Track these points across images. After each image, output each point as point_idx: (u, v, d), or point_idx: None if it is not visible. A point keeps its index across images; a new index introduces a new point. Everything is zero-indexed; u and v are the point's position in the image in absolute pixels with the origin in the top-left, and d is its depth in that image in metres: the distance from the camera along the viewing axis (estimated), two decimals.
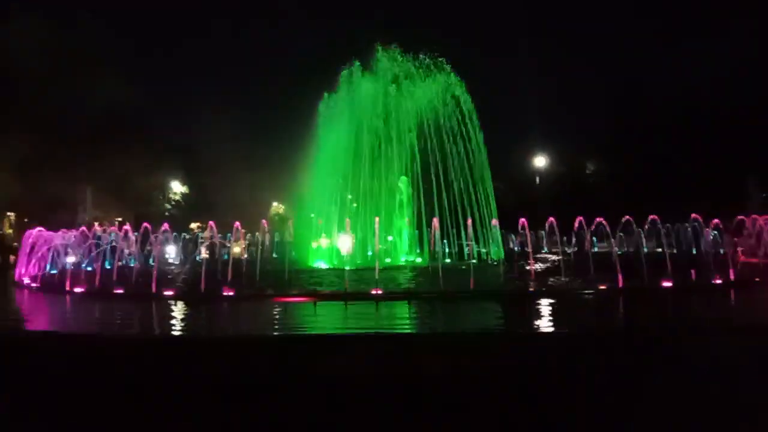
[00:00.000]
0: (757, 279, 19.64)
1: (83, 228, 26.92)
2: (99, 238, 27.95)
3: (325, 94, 32.88)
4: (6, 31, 51.56)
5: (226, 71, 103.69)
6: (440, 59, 32.68)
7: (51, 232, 26.81)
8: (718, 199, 43.83)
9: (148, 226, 26.65)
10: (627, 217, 21.04)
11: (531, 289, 18.45)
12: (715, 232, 24.48)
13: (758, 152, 44.65)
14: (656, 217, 20.92)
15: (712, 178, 46.00)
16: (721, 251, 21.26)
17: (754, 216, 23.11)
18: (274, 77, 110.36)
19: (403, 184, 32.06)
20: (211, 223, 33.94)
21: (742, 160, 45.65)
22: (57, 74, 57.00)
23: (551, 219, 22.86)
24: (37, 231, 26.26)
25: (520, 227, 22.95)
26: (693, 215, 23.87)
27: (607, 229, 21.14)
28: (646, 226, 21.83)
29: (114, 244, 26.68)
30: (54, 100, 55.93)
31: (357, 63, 32.70)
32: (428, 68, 32.45)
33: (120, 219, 64.47)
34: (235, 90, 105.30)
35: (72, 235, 26.40)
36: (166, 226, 25.30)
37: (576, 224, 21.97)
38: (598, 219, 20.86)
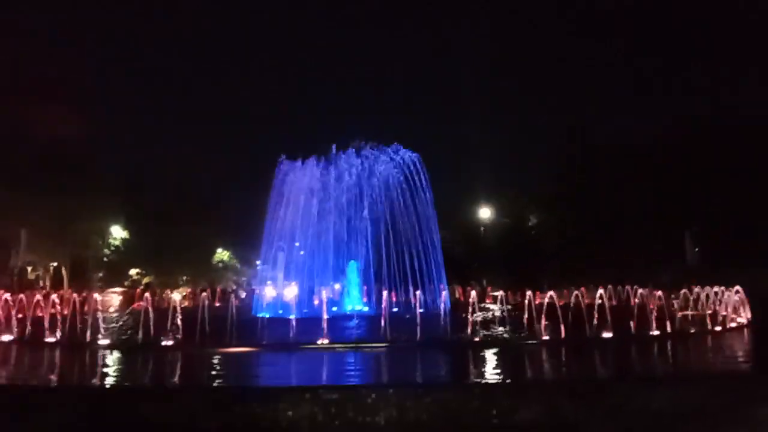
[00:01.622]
0: (692, 330, 20.34)
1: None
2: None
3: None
4: None
5: (174, 111, 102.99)
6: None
7: None
8: (657, 253, 45.63)
9: None
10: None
11: (476, 339, 18.53)
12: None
13: (695, 208, 46.76)
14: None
15: (651, 232, 47.79)
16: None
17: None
18: (227, 121, 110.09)
19: (349, 268, 32.09)
20: None
21: (682, 214, 47.65)
22: None
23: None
24: None
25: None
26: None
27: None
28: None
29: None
30: None
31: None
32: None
33: (55, 264, 61.88)
34: (182, 130, 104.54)
35: None
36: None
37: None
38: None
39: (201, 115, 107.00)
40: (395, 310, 28.59)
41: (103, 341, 17.78)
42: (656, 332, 19.04)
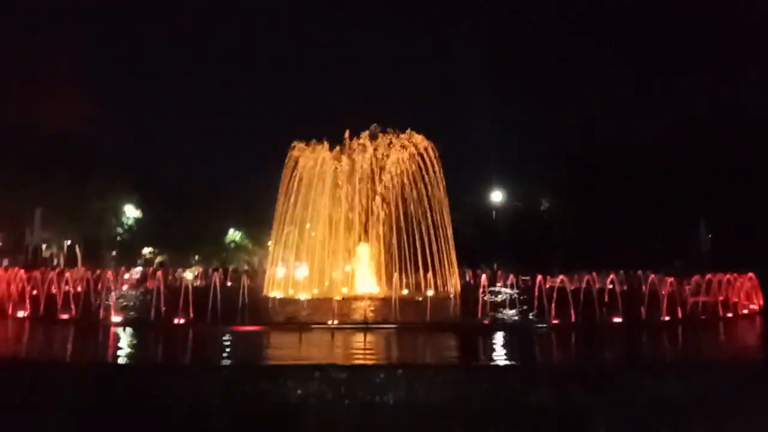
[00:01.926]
0: (703, 316, 20.22)
1: None
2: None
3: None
4: None
5: (185, 94, 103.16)
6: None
7: None
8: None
9: None
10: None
11: (486, 323, 18.54)
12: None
13: (709, 195, 46.42)
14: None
15: (666, 218, 47.54)
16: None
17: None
18: (237, 102, 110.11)
19: (360, 250, 32.05)
20: None
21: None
22: (7, 90, 55.60)
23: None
24: None
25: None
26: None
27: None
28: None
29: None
30: (3, 117, 54.42)
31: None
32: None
33: (68, 242, 62.50)
34: (194, 112, 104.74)
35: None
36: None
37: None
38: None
39: (215, 98, 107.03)
40: (405, 292, 28.65)
41: (116, 319, 17.96)
42: (667, 318, 18.93)
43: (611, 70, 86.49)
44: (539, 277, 20.01)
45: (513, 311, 20.57)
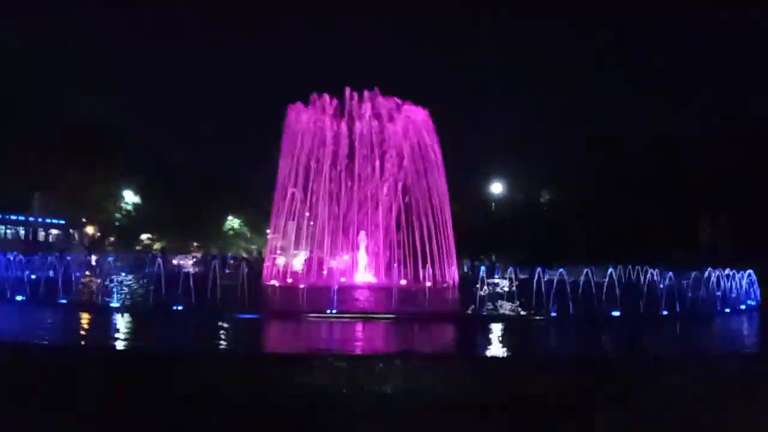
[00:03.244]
0: (702, 311, 20.27)
1: None
2: None
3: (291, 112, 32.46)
4: None
5: (190, 82, 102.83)
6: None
7: None
8: (672, 236, 45.46)
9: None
10: None
11: (484, 314, 18.56)
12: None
13: (713, 190, 46.58)
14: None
15: (668, 215, 47.62)
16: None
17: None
18: (240, 90, 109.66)
19: (362, 237, 31.94)
20: None
21: (697, 196, 47.43)
22: (12, 75, 55.51)
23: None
24: None
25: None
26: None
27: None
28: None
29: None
30: (5, 102, 54.31)
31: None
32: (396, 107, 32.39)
33: (63, 222, 62.31)
34: (196, 99, 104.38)
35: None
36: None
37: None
38: None
39: (212, 82, 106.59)
40: (403, 282, 28.70)
41: (115, 304, 17.97)
42: (665, 312, 18.97)
43: (622, 62, 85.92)
44: (538, 270, 20.01)
45: (512, 303, 20.60)
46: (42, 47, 58.12)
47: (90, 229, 66.61)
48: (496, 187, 62.23)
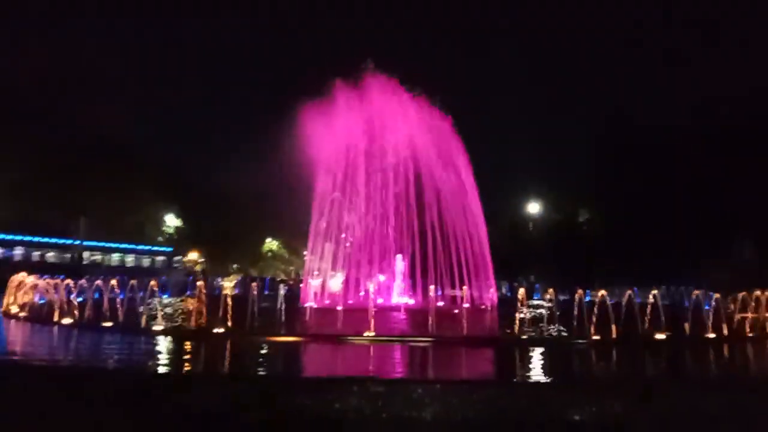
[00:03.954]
0: (751, 334, 19.57)
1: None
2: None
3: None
4: (10, 58, 52.23)
5: (227, 108, 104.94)
6: (436, 102, 32.82)
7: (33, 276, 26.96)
8: (709, 251, 43.97)
9: None
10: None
11: (524, 337, 18.27)
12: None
13: (750, 206, 44.89)
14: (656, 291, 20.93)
15: (705, 229, 46.19)
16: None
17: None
18: (275, 115, 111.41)
19: (399, 260, 32.09)
20: None
21: (733, 212, 45.80)
22: (55, 102, 57.52)
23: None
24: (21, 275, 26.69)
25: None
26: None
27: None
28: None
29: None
30: (52, 128, 56.26)
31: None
32: (429, 120, 32.58)
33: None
34: (235, 124, 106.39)
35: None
36: None
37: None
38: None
39: (254, 109, 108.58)
40: (440, 304, 28.53)
41: (157, 327, 18.30)
42: (712, 335, 18.40)
43: (648, 66, 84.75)
44: (579, 291, 19.65)
45: (552, 326, 20.24)
46: (75, 68, 60.06)
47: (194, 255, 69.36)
48: (533, 207, 61.64)
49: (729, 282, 31.53)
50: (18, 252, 57.87)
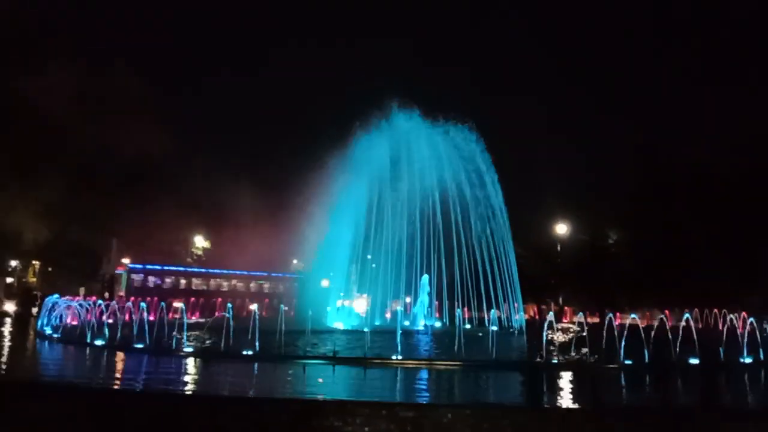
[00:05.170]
0: None
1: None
2: None
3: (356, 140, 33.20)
4: (40, 78, 53.33)
5: (253, 130, 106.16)
6: (462, 125, 33.02)
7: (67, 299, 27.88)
8: (742, 276, 42.89)
9: None
10: None
11: (553, 362, 18.02)
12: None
13: None
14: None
15: (736, 253, 45.14)
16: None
17: None
18: (300, 139, 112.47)
19: (425, 281, 32.12)
20: None
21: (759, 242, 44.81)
22: (87, 123, 58.71)
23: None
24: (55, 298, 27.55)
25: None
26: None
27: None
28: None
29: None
30: (84, 150, 57.39)
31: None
32: (454, 145, 32.78)
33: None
34: (261, 147, 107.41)
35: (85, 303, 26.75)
36: None
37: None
38: None
39: (280, 129, 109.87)
40: (467, 326, 28.35)
41: (187, 349, 18.50)
42: (748, 360, 17.95)
43: (685, 94, 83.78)
44: (609, 315, 19.38)
45: (581, 350, 19.94)
46: (102, 87, 61.18)
47: None
48: (561, 228, 60.94)
49: (763, 304, 30.83)
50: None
